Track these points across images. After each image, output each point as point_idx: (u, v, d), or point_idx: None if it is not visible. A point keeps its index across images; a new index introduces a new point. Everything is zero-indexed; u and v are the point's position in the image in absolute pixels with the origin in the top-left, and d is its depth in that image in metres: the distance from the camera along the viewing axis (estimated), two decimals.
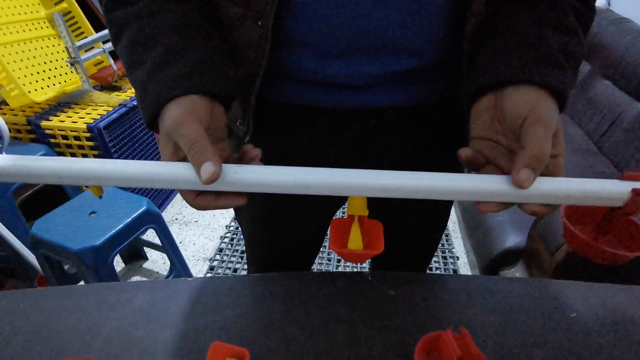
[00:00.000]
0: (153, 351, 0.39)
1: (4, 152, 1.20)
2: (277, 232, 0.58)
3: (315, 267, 1.43)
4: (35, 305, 0.44)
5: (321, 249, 1.14)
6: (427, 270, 0.69)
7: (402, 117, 0.44)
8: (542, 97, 0.31)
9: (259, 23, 0.35)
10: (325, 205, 0.56)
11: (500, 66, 0.32)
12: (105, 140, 1.29)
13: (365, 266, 1.43)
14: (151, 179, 0.31)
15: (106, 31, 1.42)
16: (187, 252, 1.46)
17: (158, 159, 1.74)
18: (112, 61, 1.46)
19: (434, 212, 0.57)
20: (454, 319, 0.43)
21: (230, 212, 1.68)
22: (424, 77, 0.41)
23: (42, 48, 1.40)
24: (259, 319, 0.42)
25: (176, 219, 1.63)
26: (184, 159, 0.31)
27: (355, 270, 1.41)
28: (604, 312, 0.44)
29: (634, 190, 0.31)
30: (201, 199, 0.32)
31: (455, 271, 1.40)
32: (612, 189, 0.31)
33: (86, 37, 1.45)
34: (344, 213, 1.38)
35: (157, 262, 1.43)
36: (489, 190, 0.31)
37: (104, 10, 0.36)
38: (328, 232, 0.60)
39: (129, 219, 1.00)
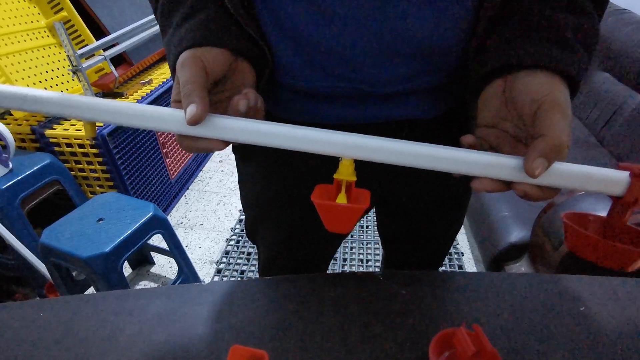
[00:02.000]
0: (173, 356, 0.40)
1: (10, 162, 1.20)
2: (296, 252, 0.58)
3: None
4: (56, 314, 0.45)
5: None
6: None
7: (434, 126, 0.43)
8: (557, 83, 0.30)
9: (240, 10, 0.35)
10: None
11: (514, 49, 0.31)
12: (110, 147, 1.30)
13: (372, 264, 1.44)
14: (143, 116, 0.32)
15: (107, 38, 1.43)
16: (193, 256, 1.47)
17: (162, 163, 1.73)
18: (113, 68, 1.47)
19: (451, 207, 0.57)
20: (465, 315, 0.44)
21: (236, 215, 1.69)
22: (451, 80, 0.40)
23: (43, 57, 1.41)
24: (275, 321, 0.43)
25: (181, 223, 1.64)
26: None
27: (361, 267, 1.41)
28: (612, 305, 0.44)
29: (633, 174, 0.30)
30: (184, 138, 0.33)
31: (460, 267, 1.41)
32: (611, 174, 0.31)
33: (87, 45, 1.45)
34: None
35: (165, 266, 1.44)
36: (488, 164, 0.31)
37: None
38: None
39: (137, 225, 1.01)
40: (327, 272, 0.62)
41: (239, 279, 1.38)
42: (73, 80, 1.45)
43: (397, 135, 0.43)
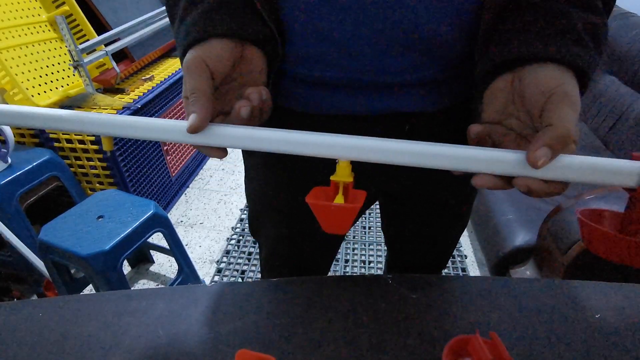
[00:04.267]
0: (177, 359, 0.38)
1: (9, 157, 1.18)
2: (298, 246, 0.57)
3: None
4: (56, 313, 0.43)
5: None
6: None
7: (435, 121, 0.43)
8: (568, 76, 0.29)
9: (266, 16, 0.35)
10: None
11: (524, 42, 0.31)
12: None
13: (374, 265, 1.42)
14: (148, 128, 0.34)
15: (108, 33, 1.41)
16: (193, 255, 1.45)
17: (163, 160, 1.71)
18: (114, 64, 1.46)
19: (455, 209, 0.56)
20: (476, 321, 0.43)
21: (236, 214, 1.67)
22: (454, 73, 0.40)
23: (44, 52, 1.39)
24: (282, 325, 0.42)
25: (181, 221, 1.63)
26: None
27: (363, 269, 1.40)
28: (629, 313, 0.43)
29: None
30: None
31: (463, 270, 1.40)
32: (623, 165, 0.29)
33: (88, 39, 1.44)
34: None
35: (164, 265, 1.43)
36: (488, 160, 0.29)
37: None
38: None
39: (137, 223, 1.00)
40: (330, 274, 0.61)
41: (240, 279, 1.37)
42: (74, 75, 1.43)
43: (400, 128, 0.43)
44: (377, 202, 0.62)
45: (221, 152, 0.34)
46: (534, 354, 0.39)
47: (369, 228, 1.59)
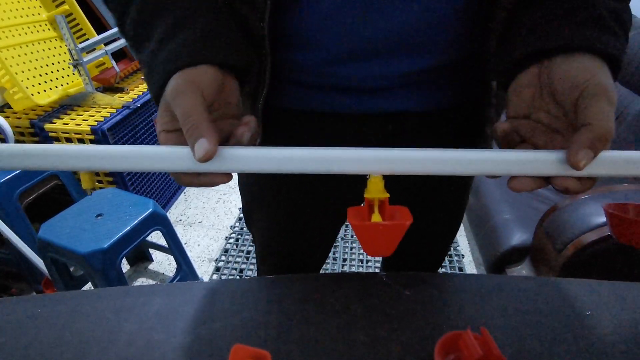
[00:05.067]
0: (173, 355, 0.39)
1: None
2: (291, 240, 0.58)
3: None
4: (54, 310, 0.44)
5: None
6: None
7: (422, 122, 0.43)
8: (599, 65, 0.28)
9: (261, 24, 0.34)
10: (340, 212, 0.57)
11: (551, 32, 0.29)
12: (110, 142, 1.29)
13: (372, 264, 1.43)
14: (149, 158, 0.29)
15: (108, 33, 1.42)
16: (192, 253, 1.46)
17: None
18: (114, 63, 1.46)
19: (449, 208, 0.57)
20: (470, 318, 0.43)
21: (235, 213, 1.68)
22: (442, 78, 0.40)
23: (44, 50, 1.40)
24: (277, 321, 0.43)
25: (180, 220, 1.63)
26: (177, 130, 0.29)
27: (361, 267, 1.41)
28: (620, 310, 0.44)
29: None
30: (185, 174, 0.30)
31: (460, 269, 1.40)
32: None
33: (88, 39, 1.44)
34: None
35: (163, 263, 1.43)
36: (527, 161, 0.29)
37: None
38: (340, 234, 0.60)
39: (136, 221, 1.00)
40: (327, 272, 0.62)
41: (238, 277, 1.38)
42: (74, 74, 1.44)
43: (384, 128, 0.43)
44: None
45: (227, 177, 0.30)
46: (525, 350, 0.39)
47: None
